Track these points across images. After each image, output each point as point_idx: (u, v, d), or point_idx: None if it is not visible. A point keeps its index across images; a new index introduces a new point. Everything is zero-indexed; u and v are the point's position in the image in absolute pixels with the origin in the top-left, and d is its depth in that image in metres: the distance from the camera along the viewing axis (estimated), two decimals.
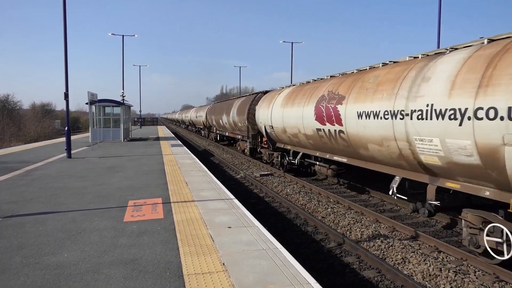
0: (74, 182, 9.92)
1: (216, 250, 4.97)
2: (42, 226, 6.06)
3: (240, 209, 7.09)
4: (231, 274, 4.22)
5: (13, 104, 58.93)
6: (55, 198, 8.11)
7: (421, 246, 7.00)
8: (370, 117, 8.03)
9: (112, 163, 13.75)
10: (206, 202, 7.60)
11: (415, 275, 5.93)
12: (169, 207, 7.23)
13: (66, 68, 15.34)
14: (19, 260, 4.68)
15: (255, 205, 10.46)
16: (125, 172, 11.59)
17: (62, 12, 14.99)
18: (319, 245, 7.36)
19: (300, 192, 11.76)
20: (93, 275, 4.24)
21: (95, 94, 19.56)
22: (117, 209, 7.16)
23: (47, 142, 27.23)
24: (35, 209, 7.18)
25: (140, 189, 8.96)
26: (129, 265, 4.52)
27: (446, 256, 6.51)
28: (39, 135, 46.12)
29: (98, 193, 8.55)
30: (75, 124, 69.70)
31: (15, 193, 8.58)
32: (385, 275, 5.89)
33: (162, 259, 4.68)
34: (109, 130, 24.10)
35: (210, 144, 31.83)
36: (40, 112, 62.46)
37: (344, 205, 10.11)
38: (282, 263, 4.53)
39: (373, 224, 8.33)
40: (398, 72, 7.64)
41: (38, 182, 9.94)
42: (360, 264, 6.36)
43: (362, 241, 7.46)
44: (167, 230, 5.85)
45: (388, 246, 7.05)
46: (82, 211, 6.99)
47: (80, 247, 5.13)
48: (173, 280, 4.10)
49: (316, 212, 9.73)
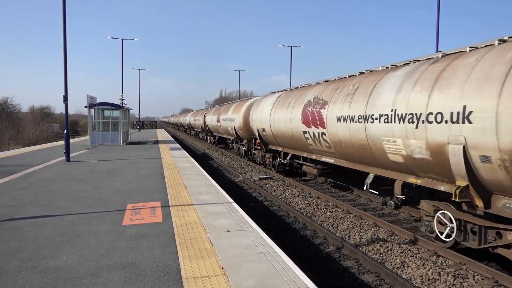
0: (72, 186, 9.90)
1: (215, 253, 4.96)
2: (41, 230, 6.04)
3: (239, 212, 7.09)
4: (230, 277, 4.22)
5: (12, 107, 58.86)
6: (54, 201, 8.09)
7: (420, 250, 7.00)
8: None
9: (111, 167, 13.73)
10: (205, 206, 7.59)
11: (414, 279, 5.92)
12: (168, 211, 7.22)
13: (66, 71, 15.35)
14: (17, 263, 4.67)
15: (254, 209, 10.45)
16: (124, 176, 11.57)
17: (61, 13, 15.03)
18: (318, 249, 7.35)
19: (299, 195, 11.76)
20: (91, 278, 4.23)
21: (94, 97, 19.57)
22: (116, 212, 7.15)
23: (46, 145, 27.19)
24: (33, 212, 7.16)
25: (139, 193, 8.94)
26: (127, 268, 4.51)
27: (445, 260, 6.51)
28: (38, 138, 46.02)
29: (96, 197, 8.53)
30: (74, 127, 69.60)
31: (13, 197, 8.56)
32: (384, 279, 5.89)
33: (161, 263, 4.67)
34: (108, 133, 24.09)
35: (209, 147, 31.83)
36: (39, 115, 62.42)
37: (343, 209, 10.11)
38: (281, 267, 4.52)
39: (372, 228, 8.33)
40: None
41: (37, 186, 9.92)
42: (359, 268, 6.36)
43: (361, 245, 7.46)
44: (166, 233, 5.84)
45: (387, 250, 7.04)
46: (81, 215, 6.97)
47: (79, 250, 5.12)
48: (171, 283, 4.10)
49: (315, 215, 9.73)
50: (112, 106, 24.31)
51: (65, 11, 15.06)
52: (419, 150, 6.63)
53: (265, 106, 15.89)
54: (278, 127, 13.93)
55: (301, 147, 12.58)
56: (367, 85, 8.54)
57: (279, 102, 14.38)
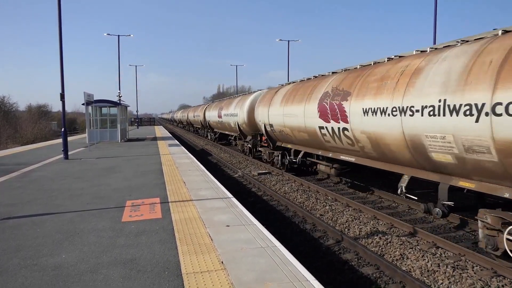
0: (71, 184, 9.89)
1: (214, 248, 4.97)
2: (40, 228, 6.04)
3: (238, 207, 7.09)
4: (230, 272, 4.22)
5: (9, 106, 58.62)
6: (53, 199, 8.08)
7: (419, 242, 7.02)
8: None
9: (110, 164, 13.71)
10: (204, 201, 7.59)
11: (413, 271, 5.95)
12: (167, 207, 7.22)
13: (62, 69, 15.26)
14: (17, 261, 4.67)
15: (254, 204, 10.46)
16: (123, 173, 11.56)
17: (57, 10, 14.92)
18: (317, 243, 7.37)
19: (298, 190, 11.77)
20: (91, 275, 4.23)
21: (92, 95, 19.47)
22: (115, 209, 7.14)
23: (44, 143, 27.11)
24: (32, 211, 7.15)
25: (138, 189, 8.94)
26: (127, 265, 4.51)
27: (444, 251, 6.54)
28: (35, 136, 45.85)
29: (95, 194, 8.52)
30: (72, 125, 69.43)
31: (12, 195, 8.54)
32: (383, 272, 5.91)
33: (160, 259, 4.67)
34: (106, 130, 24.02)
35: (207, 143, 31.80)
36: (36, 113, 62.15)
37: (342, 202, 10.13)
38: (281, 261, 4.53)
39: (371, 221, 8.35)
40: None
41: (35, 184, 9.90)
42: (358, 261, 6.38)
43: (360, 238, 7.48)
44: (166, 229, 5.84)
45: (386, 243, 7.07)
46: (80, 212, 6.96)
47: (78, 247, 5.11)
48: (172, 279, 4.10)
49: (314, 209, 9.75)
50: (110, 103, 24.23)
51: (60, 7, 14.94)
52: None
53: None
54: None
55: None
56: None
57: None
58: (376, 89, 8.00)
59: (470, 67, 5.77)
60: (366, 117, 8.24)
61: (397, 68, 7.70)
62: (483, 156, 5.54)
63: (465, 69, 5.84)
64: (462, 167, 6.11)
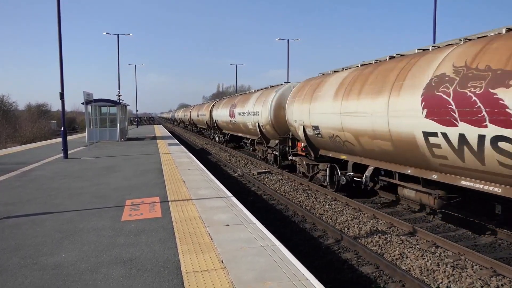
0: (71, 183, 9.89)
1: (214, 247, 4.97)
2: (40, 227, 6.04)
3: (238, 207, 7.10)
4: (230, 271, 4.22)
5: (9, 105, 58.62)
6: (52, 198, 8.07)
7: (419, 242, 7.03)
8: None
9: (109, 163, 13.71)
10: (204, 201, 7.60)
11: (413, 270, 5.95)
12: (167, 206, 7.22)
13: (61, 68, 15.25)
14: (16, 261, 4.67)
15: (253, 203, 10.47)
16: (122, 172, 11.56)
17: (56, 10, 14.90)
18: (317, 242, 7.37)
19: (297, 189, 11.78)
20: (91, 274, 4.23)
21: (91, 94, 19.47)
22: (115, 208, 7.14)
23: (43, 142, 27.11)
24: (32, 210, 7.15)
25: (137, 189, 8.93)
26: (127, 264, 4.51)
27: (443, 251, 6.54)
28: (35, 136, 45.81)
29: (95, 193, 8.52)
30: (72, 124, 69.40)
31: (11, 195, 8.54)
32: (383, 271, 5.92)
33: (160, 258, 4.68)
34: (106, 130, 24.01)
35: (207, 143, 31.78)
36: (35, 112, 62.12)
37: (341, 201, 10.13)
38: (281, 260, 4.53)
39: (370, 220, 8.35)
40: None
41: (35, 183, 9.89)
42: (358, 260, 6.38)
43: (360, 237, 7.48)
44: (165, 228, 5.85)
45: (386, 242, 7.07)
46: (80, 211, 6.96)
47: (78, 247, 5.11)
48: (171, 278, 4.10)
49: (314, 209, 9.75)
50: (109, 103, 24.22)
51: (59, 6, 14.92)
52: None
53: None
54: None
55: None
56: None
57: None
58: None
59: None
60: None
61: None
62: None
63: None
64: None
